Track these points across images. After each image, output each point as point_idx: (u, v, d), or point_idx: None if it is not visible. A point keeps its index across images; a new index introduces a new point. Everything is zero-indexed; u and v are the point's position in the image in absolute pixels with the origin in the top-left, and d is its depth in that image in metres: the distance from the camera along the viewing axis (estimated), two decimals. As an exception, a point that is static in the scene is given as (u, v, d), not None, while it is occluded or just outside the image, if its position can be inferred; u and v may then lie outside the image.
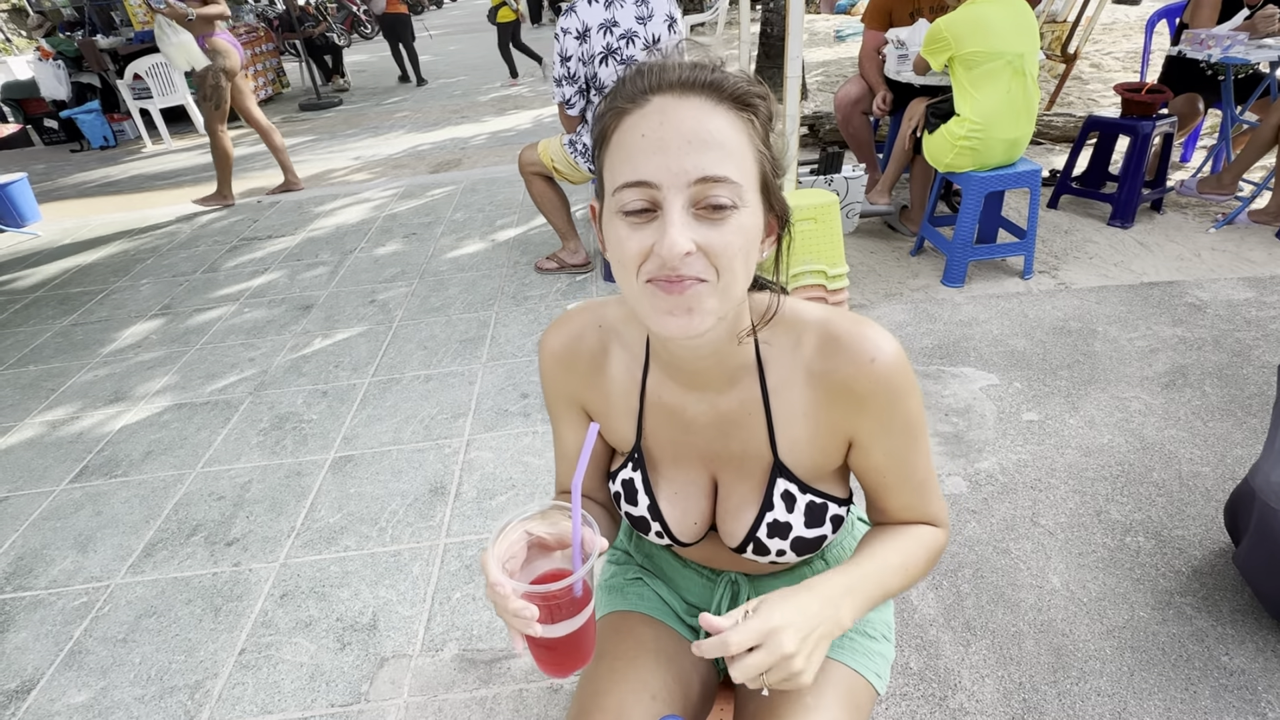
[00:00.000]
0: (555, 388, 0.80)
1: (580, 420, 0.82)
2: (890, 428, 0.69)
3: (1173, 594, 1.51)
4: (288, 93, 9.25)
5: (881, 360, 0.66)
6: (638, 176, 0.56)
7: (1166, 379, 2.18)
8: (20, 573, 1.91)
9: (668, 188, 0.55)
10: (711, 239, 0.56)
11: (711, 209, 0.56)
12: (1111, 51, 6.39)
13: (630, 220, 0.57)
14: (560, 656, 0.64)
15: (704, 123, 0.56)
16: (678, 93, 0.57)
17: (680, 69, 0.58)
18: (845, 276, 2.63)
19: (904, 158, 3.15)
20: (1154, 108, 3.00)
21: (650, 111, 0.57)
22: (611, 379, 0.77)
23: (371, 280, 3.45)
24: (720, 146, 0.56)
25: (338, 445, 2.27)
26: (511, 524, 0.64)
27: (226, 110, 4.43)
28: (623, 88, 0.60)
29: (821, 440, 0.71)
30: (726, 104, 0.57)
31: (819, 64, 7.05)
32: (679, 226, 0.55)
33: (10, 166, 6.08)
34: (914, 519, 0.75)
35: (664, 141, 0.55)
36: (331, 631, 1.63)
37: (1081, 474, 1.85)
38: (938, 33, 2.57)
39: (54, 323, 3.37)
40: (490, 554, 0.60)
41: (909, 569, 0.71)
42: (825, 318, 0.69)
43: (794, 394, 0.70)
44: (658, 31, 2.60)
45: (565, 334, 0.78)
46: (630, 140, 0.57)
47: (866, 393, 0.67)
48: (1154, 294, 2.64)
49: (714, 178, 0.55)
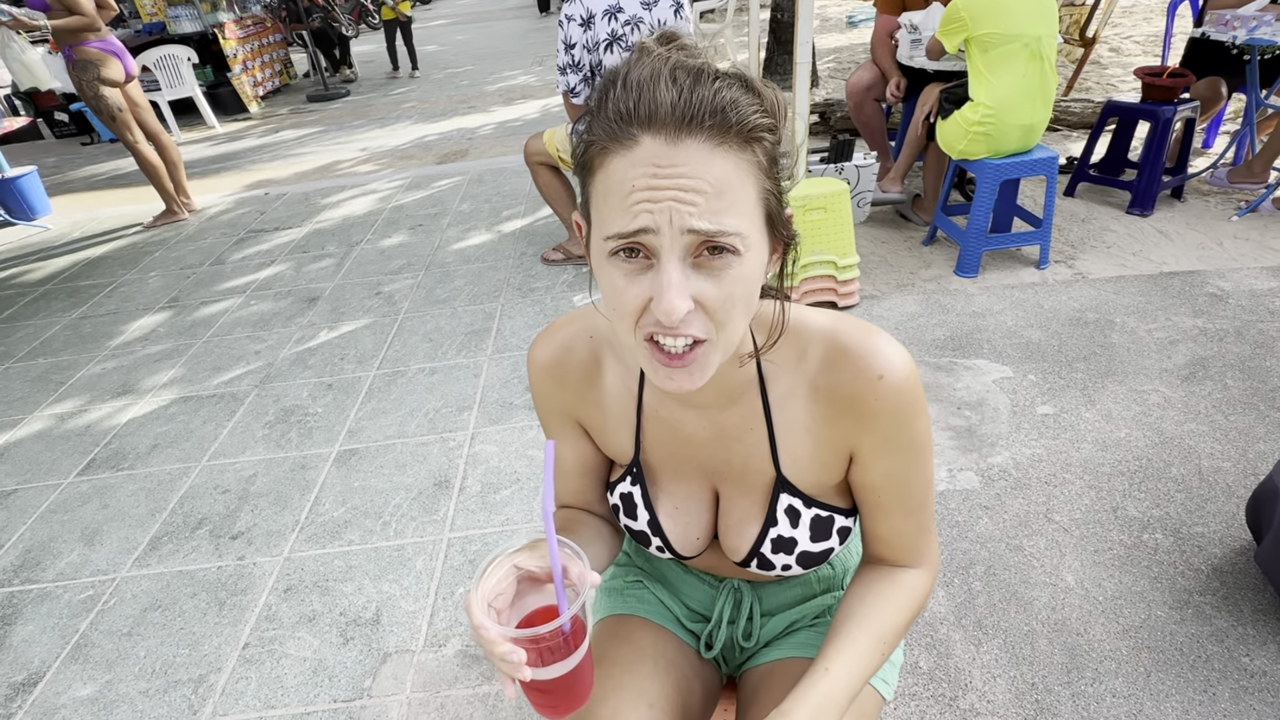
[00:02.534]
0: (547, 402, 0.76)
1: (576, 434, 0.77)
2: (893, 447, 0.65)
3: (1191, 593, 1.47)
4: (295, 84, 9.23)
5: (890, 377, 0.62)
6: (631, 227, 0.50)
7: (1186, 371, 2.12)
8: (28, 565, 1.91)
9: (663, 237, 0.50)
10: (710, 294, 0.52)
11: (710, 256, 0.51)
12: (1131, 35, 6.25)
13: (624, 266, 0.52)
14: (555, 699, 0.60)
15: (702, 173, 0.49)
16: (670, 135, 0.49)
17: (674, 98, 0.49)
18: (856, 267, 2.59)
19: (917, 145, 3.09)
20: (1175, 92, 2.91)
21: (639, 158, 0.50)
22: (606, 391, 0.73)
23: (378, 272, 3.44)
24: (720, 196, 0.50)
25: (342, 439, 2.26)
26: (498, 558, 0.59)
27: (130, 119, 4.08)
28: (607, 112, 0.51)
29: (824, 455, 0.68)
30: (730, 142, 0.50)
31: (830, 50, 6.94)
32: (677, 287, 0.50)
33: (21, 159, 6.11)
34: (902, 547, 0.71)
35: (655, 195, 0.49)
36: (335, 626, 1.62)
37: (1098, 469, 1.81)
38: (954, 12, 2.50)
39: (63, 315, 3.39)
40: (474, 595, 0.56)
41: (887, 643, 0.67)
42: (832, 328, 0.65)
43: (797, 407, 0.67)
44: (663, 16, 2.55)
45: (554, 345, 0.74)
46: (618, 188, 0.51)
47: (871, 410, 0.63)
48: (1174, 284, 2.58)
49: (713, 232, 0.50)
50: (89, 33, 3.89)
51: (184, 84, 6.78)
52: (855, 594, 0.70)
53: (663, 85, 0.50)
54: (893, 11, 3.22)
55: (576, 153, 0.56)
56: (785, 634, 0.84)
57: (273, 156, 5.87)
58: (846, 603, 0.69)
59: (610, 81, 0.53)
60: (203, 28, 7.32)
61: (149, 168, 4.27)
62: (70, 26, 3.80)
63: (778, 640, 0.84)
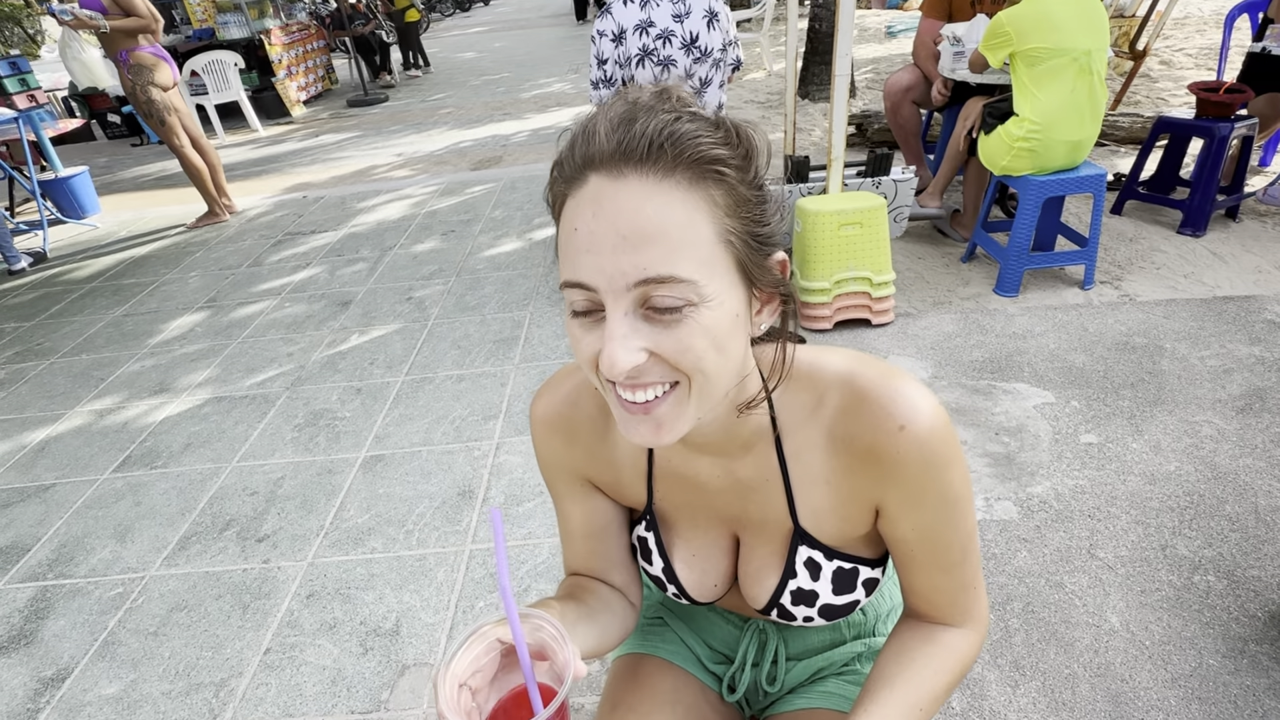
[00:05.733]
0: (554, 460, 0.71)
1: (585, 493, 0.72)
2: (922, 502, 0.59)
3: (1247, 641, 1.39)
4: (336, 88, 9.44)
5: (913, 427, 0.56)
6: (575, 277, 0.48)
7: (1242, 402, 2.02)
8: (62, 560, 1.95)
9: (605, 292, 0.47)
10: (665, 344, 0.48)
11: (660, 310, 0.47)
12: (1184, 48, 6.05)
13: (581, 320, 0.50)
14: None
15: (642, 210, 0.45)
16: (610, 171, 0.46)
17: (616, 131, 0.46)
18: (891, 284, 2.53)
19: (958, 159, 3.01)
20: (1233, 108, 2.80)
21: (585, 199, 0.47)
22: (616, 444, 0.69)
23: (409, 277, 3.47)
24: (664, 239, 0.45)
25: (369, 444, 2.27)
26: (480, 630, 0.54)
27: (177, 123, 4.18)
28: (569, 153, 0.50)
29: (846, 509, 0.63)
30: (678, 175, 0.46)
31: (869, 61, 6.85)
32: (619, 340, 0.47)
33: (74, 159, 6.34)
34: (941, 604, 0.65)
35: (594, 238, 0.46)
36: (355, 635, 1.62)
37: (1145, 503, 1.72)
38: (999, 26, 2.43)
39: (107, 313, 3.48)
40: (444, 673, 0.51)
41: (924, 710, 0.62)
42: (849, 372, 0.60)
43: (814, 459, 0.62)
44: (695, 29, 2.53)
45: (559, 400, 0.69)
46: (566, 232, 0.49)
47: (893, 462, 0.57)
48: (1229, 309, 2.46)
49: (656, 279, 0.46)
50: (145, 36, 4.00)
51: (230, 88, 6.96)
52: (891, 653, 0.65)
53: (609, 120, 0.47)
54: (939, 18, 3.16)
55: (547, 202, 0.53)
56: (812, 681, 0.80)
57: (312, 160, 5.99)
58: (882, 664, 0.64)
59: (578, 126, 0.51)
60: (250, 34, 7.53)
61: (193, 170, 4.38)
62: (129, 28, 3.91)
63: (804, 687, 0.80)
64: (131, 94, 4.10)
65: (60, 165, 5.25)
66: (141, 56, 4.00)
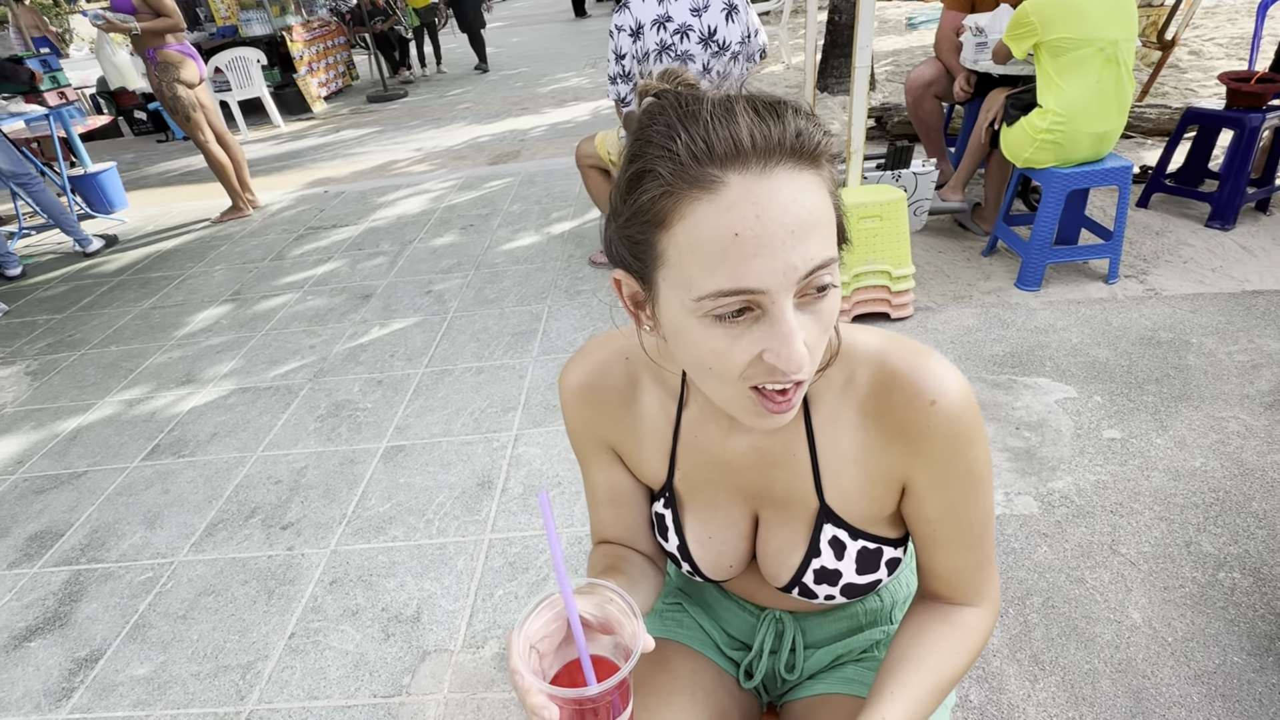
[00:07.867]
0: (581, 427, 0.73)
1: (609, 461, 0.74)
2: (948, 478, 0.61)
3: (1273, 639, 1.37)
4: (356, 85, 9.52)
5: (944, 403, 0.58)
6: (738, 284, 0.46)
7: (1271, 398, 1.98)
8: (94, 545, 2.01)
9: (776, 291, 0.46)
10: (812, 331, 0.50)
11: (816, 292, 0.49)
12: (1214, 38, 5.91)
13: (727, 326, 0.48)
14: None
15: (800, 202, 0.46)
16: (759, 168, 0.45)
17: (754, 128, 0.45)
18: (911, 277, 2.51)
19: (980, 152, 2.97)
20: (1265, 99, 2.73)
21: (734, 200, 0.45)
22: (642, 415, 0.70)
23: (429, 271, 3.50)
24: (819, 225, 0.47)
25: (390, 435, 2.30)
26: (552, 597, 0.55)
27: (203, 119, 4.24)
28: (676, 152, 0.46)
29: (875, 488, 0.64)
30: (806, 164, 0.47)
31: (889, 53, 6.78)
32: (799, 338, 0.47)
33: (102, 155, 6.46)
34: (960, 584, 0.66)
35: (764, 239, 0.45)
36: (377, 621, 1.65)
37: (1169, 499, 1.70)
38: (1024, 16, 2.39)
39: (135, 305, 3.56)
40: (517, 634, 0.53)
41: (943, 689, 0.62)
42: (881, 349, 0.61)
43: (843, 435, 0.63)
44: (713, 22, 2.51)
45: (589, 368, 0.70)
46: (715, 238, 0.46)
47: (924, 438, 0.59)
48: (1258, 303, 2.41)
49: (821, 264, 0.47)
50: (173, 34, 4.09)
51: (253, 84, 7.05)
52: (910, 633, 0.66)
53: (740, 118, 0.46)
54: (961, 8, 3.11)
55: (641, 205, 0.49)
56: (831, 667, 0.80)
57: (333, 155, 6.05)
58: (900, 643, 0.65)
59: (666, 113, 0.49)
60: (272, 31, 7.61)
61: (217, 166, 4.45)
62: (158, 28, 4.00)
63: (823, 674, 0.80)
64: (158, 90, 4.18)
65: (89, 161, 5.36)
66: (169, 54, 4.07)
